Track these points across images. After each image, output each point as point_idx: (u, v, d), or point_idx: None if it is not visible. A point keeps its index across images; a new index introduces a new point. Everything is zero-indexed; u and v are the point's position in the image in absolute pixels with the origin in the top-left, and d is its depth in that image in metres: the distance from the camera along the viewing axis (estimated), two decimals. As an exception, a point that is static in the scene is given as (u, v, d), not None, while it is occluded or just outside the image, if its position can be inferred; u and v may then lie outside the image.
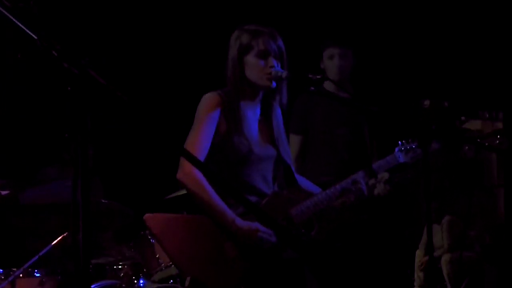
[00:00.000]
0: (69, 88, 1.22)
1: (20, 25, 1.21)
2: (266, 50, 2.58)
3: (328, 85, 3.74)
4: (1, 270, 3.30)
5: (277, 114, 2.75)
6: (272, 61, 2.57)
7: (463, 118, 4.67)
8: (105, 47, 4.73)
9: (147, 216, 2.46)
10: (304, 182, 2.83)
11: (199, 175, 2.46)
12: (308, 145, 3.78)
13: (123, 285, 3.63)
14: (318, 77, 2.44)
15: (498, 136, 3.98)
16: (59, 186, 3.54)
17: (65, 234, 3.29)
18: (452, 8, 4.99)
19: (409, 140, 2.88)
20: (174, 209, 3.35)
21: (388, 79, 5.13)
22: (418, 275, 5.95)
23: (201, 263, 2.44)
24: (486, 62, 4.87)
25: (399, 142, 2.87)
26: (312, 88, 2.44)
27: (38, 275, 3.37)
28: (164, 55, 5.09)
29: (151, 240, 3.70)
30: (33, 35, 1.21)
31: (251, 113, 2.67)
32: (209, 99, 2.59)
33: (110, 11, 4.88)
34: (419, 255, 5.93)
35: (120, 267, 3.77)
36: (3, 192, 3.48)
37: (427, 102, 4.80)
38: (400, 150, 2.87)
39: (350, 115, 3.71)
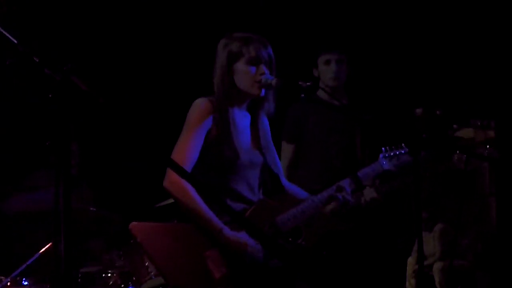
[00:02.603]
0: (50, 95, 1.20)
1: (2, 30, 1.19)
2: (257, 57, 2.56)
3: (321, 93, 3.73)
4: (-11, 279, 3.27)
5: (264, 123, 2.73)
6: (263, 68, 2.56)
7: (455, 126, 4.68)
8: (93, 53, 4.71)
9: (132, 224, 2.44)
10: (293, 189, 2.81)
11: (186, 183, 2.44)
12: (300, 153, 3.76)
13: (113, 293, 3.60)
14: (308, 84, 2.42)
15: (488, 146, 3.98)
16: (45, 193, 3.51)
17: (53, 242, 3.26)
18: (445, 17, 5.00)
19: (393, 147, 2.86)
20: (165, 217, 3.32)
21: (381, 87, 5.13)
22: (410, 283, 5.93)
23: (186, 273, 2.41)
24: (478, 70, 4.88)
25: (383, 148, 2.85)
26: (303, 95, 2.42)
27: (26, 283, 3.33)
28: (152, 62, 5.07)
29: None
30: (14, 40, 1.19)
31: (242, 120, 2.66)
32: (200, 105, 2.57)
33: (98, 16, 4.86)
34: (411, 263, 5.92)
35: (109, 275, 3.74)
36: None
37: (419, 110, 4.81)
38: (384, 157, 2.84)
39: (343, 123, 3.70)
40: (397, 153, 2.82)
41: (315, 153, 3.71)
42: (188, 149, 2.51)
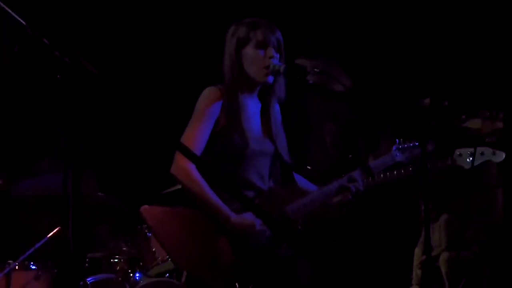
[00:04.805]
0: (58, 76, 1.20)
1: (11, 12, 1.19)
2: (265, 41, 2.56)
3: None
4: (-2, 262, 3.29)
5: (275, 109, 2.72)
6: (272, 51, 2.55)
7: (463, 116, 4.65)
8: (102, 40, 4.70)
9: (143, 207, 2.46)
10: (301, 180, 2.80)
11: (193, 169, 2.45)
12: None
13: (119, 279, 3.62)
14: (316, 70, 2.42)
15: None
16: (52, 178, 3.52)
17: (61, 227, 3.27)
18: (453, 6, 4.96)
19: (407, 139, 2.83)
20: (171, 204, 3.34)
21: (389, 77, 5.11)
22: (417, 273, 5.94)
23: (195, 257, 2.43)
24: (487, 61, 4.85)
25: (397, 140, 2.82)
26: (311, 81, 2.42)
27: (34, 267, 3.35)
28: (161, 47, 5.06)
29: (148, 234, 3.69)
30: (23, 22, 1.19)
31: (252, 107, 2.65)
32: (209, 93, 2.57)
33: (107, 3, 4.86)
34: (418, 253, 5.92)
35: (116, 261, 3.76)
36: None
37: (427, 101, 4.79)
38: (398, 149, 2.81)
39: (340, 111, 3.67)
40: (411, 145, 2.78)
41: (312, 141, 3.70)
42: (196, 136, 2.52)
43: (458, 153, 2.75)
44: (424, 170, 2.22)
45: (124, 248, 3.81)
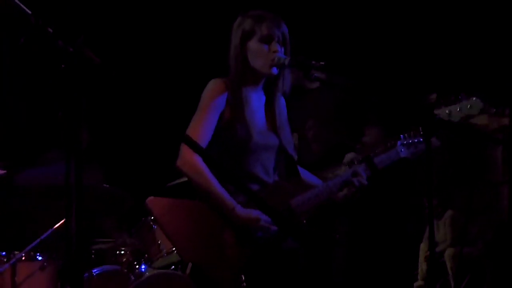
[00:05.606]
0: (62, 66, 1.20)
1: (16, 1, 1.20)
2: (269, 35, 2.56)
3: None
4: (4, 253, 3.31)
5: (280, 102, 2.73)
6: (276, 46, 2.55)
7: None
8: (107, 30, 4.70)
9: (149, 199, 2.47)
10: (306, 174, 2.81)
11: (199, 162, 2.46)
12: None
13: (124, 270, 3.64)
14: (321, 63, 2.41)
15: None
16: (58, 168, 3.52)
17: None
18: (460, 3, 4.94)
19: (411, 134, 2.82)
20: (177, 197, 3.34)
21: (396, 72, 5.10)
22: (422, 268, 5.94)
23: (200, 249, 2.44)
24: (492, 57, 4.83)
25: (401, 136, 2.81)
26: (316, 75, 2.41)
27: (40, 258, 3.37)
28: (168, 38, 5.06)
29: (153, 226, 3.70)
30: (27, 11, 1.19)
31: (257, 100, 2.65)
32: (214, 85, 2.58)
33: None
34: (423, 249, 5.91)
35: (121, 252, 3.78)
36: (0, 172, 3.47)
37: (433, 96, 4.77)
38: (402, 144, 2.79)
39: (319, 104, 3.63)
40: (415, 141, 2.76)
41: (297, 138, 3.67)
42: (201, 129, 2.52)
43: (447, 111, 2.68)
44: (428, 167, 2.21)
45: (129, 240, 3.83)
